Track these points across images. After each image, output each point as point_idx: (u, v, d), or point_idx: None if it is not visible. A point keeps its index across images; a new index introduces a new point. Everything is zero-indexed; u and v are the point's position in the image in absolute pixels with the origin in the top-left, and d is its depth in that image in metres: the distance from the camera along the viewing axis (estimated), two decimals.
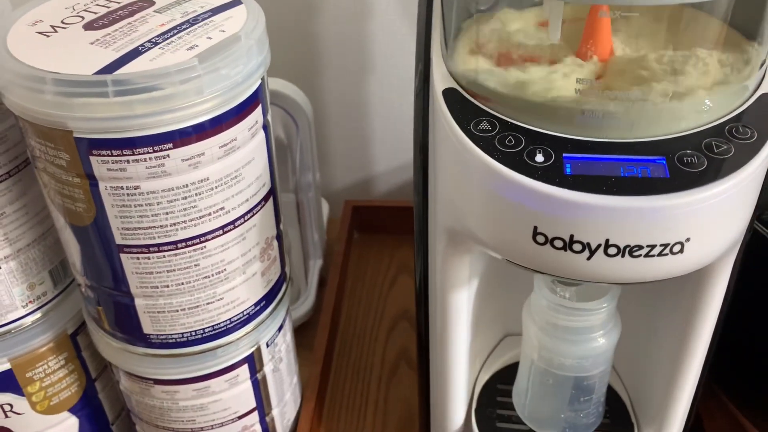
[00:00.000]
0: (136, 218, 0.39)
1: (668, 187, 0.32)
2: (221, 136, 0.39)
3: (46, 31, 0.39)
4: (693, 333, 0.45)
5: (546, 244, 0.34)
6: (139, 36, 0.38)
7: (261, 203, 0.44)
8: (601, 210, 0.32)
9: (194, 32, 0.39)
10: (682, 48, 0.38)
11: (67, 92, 0.35)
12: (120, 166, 0.37)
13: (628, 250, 0.33)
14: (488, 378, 0.57)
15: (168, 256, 0.41)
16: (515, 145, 0.35)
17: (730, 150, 0.34)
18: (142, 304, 0.44)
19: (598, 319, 0.46)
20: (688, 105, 0.35)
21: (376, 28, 0.74)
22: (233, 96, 0.39)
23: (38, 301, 0.49)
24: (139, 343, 0.47)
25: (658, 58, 0.37)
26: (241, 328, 0.48)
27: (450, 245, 0.42)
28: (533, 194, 0.33)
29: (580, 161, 0.34)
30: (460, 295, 0.45)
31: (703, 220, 0.33)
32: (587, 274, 0.35)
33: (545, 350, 0.48)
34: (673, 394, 0.48)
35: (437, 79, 0.39)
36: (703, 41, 0.38)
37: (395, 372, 0.67)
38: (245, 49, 0.38)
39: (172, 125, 0.37)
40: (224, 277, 0.44)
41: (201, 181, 0.39)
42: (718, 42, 0.38)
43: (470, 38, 0.42)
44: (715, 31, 0.38)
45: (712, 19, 0.38)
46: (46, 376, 0.52)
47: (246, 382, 0.51)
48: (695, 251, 0.34)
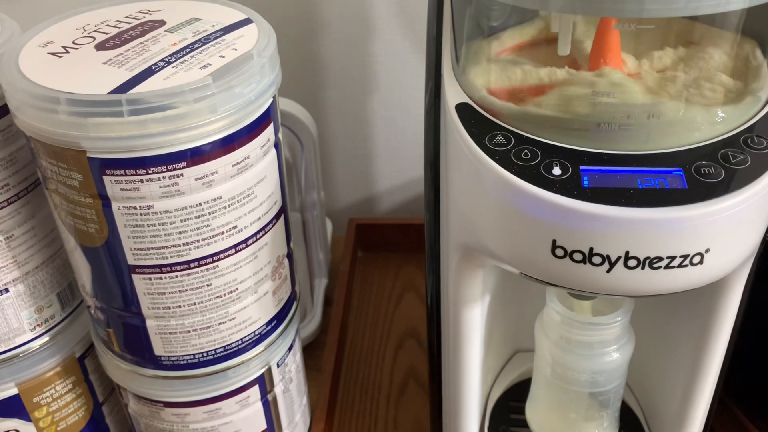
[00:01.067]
0: (149, 238, 0.39)
1: (687, 197, 0.32)
2: (234, 155, 0.39)
3: (57, 52, 0.39)
4: (708, 346, 0.44)
5: (565, 257, 0.34)
6: (151, 55, 0.38)
7: (273, 221, 0.44)
8: (621, 222, 0.32)
9: (207, 51, 0.39)
10: (695, 60, 0.38)
11: (82, 112, 0.35)
12: (133, 185, 0.37)
13: (648, 262, 0.33)
14: (500, 395, 0.56)
15: (180, 276, 0.41)
16: (531, 159, 0.35)
17: (746, 160, 0.34)
18: (154, 326, 0.43)
19: (612, 333, 0.46)
20: (702, 116, 0.35)
21: (379, 48, 0.75)
22: (246, 114, 0.38)
23: (46, 324, 0.49)
24: (149, 365, 0.46)
25: (670, 70, 0.37)
26: (252, 348, 0.47)
27: (463, 261, 0.42)
28: (552, 207, 0.33)
29: (597, 173, 0.34)
30: (473, 311, 0.45)
31: (722, 231, 0.33)
32: (607, 287, 0.35)
33: (559, 365, 0.48)
34: (689, 408, 0.48)
35: (449, 94, 0.39)
36: (715, 54, 0.38)
37: (404, 391, 0.67)
38: (258, 67, 0.38)
39: (186, 144, 0.36)
40: (236, 297, 0.44)
41: (214, 199, 0.39)
42: (730, 54, 0.38)
43: (482, 57, 0.42)
44: (726, 44, 0.38)
45: (723, 32, 0.38)
46: (53, 401, 0.51)
47: (257, 404, 0.51)
48: (715, 262, 0.34)
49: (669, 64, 0.38)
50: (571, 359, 0.47)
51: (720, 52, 0.38)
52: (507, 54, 0.42)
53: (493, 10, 0.44)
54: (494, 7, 0.44)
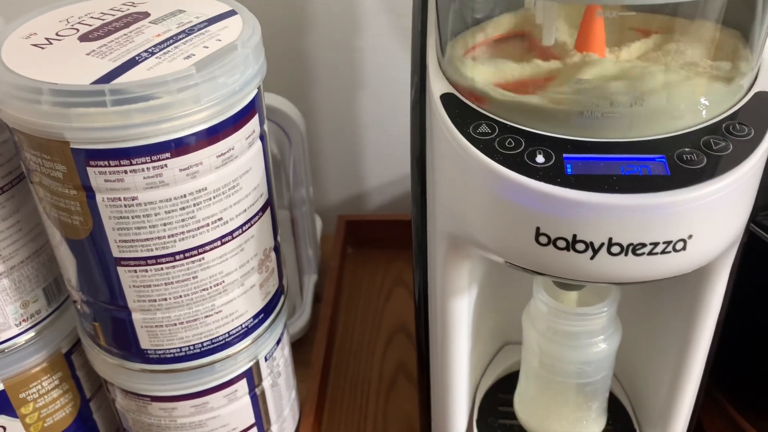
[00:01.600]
0: (133, 230, 0.39)
1: (669, 184, 0.32)
2: (219, 146, 0.39)
3: (40, 44, 0.39)
4: (694, 336, 0.45)
5: (549, 244, 0.34)
6: (135, 46, 0.38)
7: (259, 214, 0.44)
8: (604, 208, 0.32)
9: (191, 42, 0.39)
10: (677, 49, 0.38)
11: (65, 102, 0.34)
12: (117, 177, 0.37)
13: (631, 248, 0.33)
14: (489, 387, 0.56)
15: (166, 268, 0.41)
16: (515, 147, 0.35)
17: (728, 147, 0.34)
18: (140, 319, 0.43)
19: (599, 323, 0.46)
20: (684, 104, 0.36)
21: (367, 43, 0.75)
22: (231, 105, 0.38)
23: (32, 319, 0.49)
24: (136, 359, 0.46)
25: (653, 58, 0.37)
26: (239, 341, 0.47)
27: (450, 251, 0.42)
28: (535, 195, 0.33)
29: (580, 161, 0.34)
30: (460, 302, 0.45)
31: (704, 217, 0.33)
32: (590, 274, 0.35)
33: (546, 356, 0.48)
34: (675, 398, 0.48)
35: (434, 85, 0.39)
36: (698, 42, 0.38)
37: (393, 385, 0.67)
38: (242, 57, 0.38)
39: (169, 134, 0.36)
40: (222, 290, 0.44)
41: (199, 191, 0.39)
42: (712, 43, 0.38)
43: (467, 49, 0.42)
44: (708, 33, 0.38)
45: (705, 20, 0.38)
46: (40, 397, 0.51)
47: (245, 398, 0.50)
48: (698, 248, 0.34)
49: (652, 55, 0.39)
50: (558, 350, 0.47)
51: (702, 43, 0.38)
52: (491, 45, 0.42)
53: (476, 2, 0.44)
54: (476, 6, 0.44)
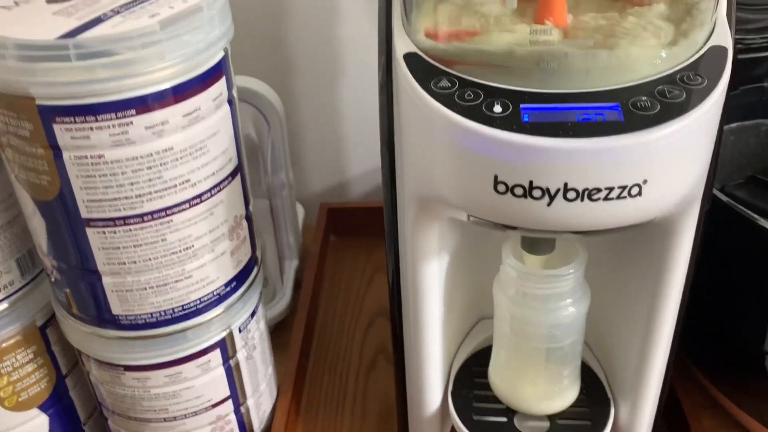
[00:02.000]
0: (101, 189, 0.39)
1: (623, 128, 0.33)
2: (185, 104, 0.39)
3: (8, 6, 0.39)
4: (661, 300, 0.45)
5: (507, 192, 0.35)
6: (101, 6, 0.39)
7: (228, 179, 0.44)
8: (558, 153, 0.33)
9: (156, 3, 0.39)
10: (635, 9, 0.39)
11: (30, 56, 0.35)
12: (83, 134, 0.37)
13: (587, 193, 0.34)
14: (463, 361, 0.56)
15: (134, 229, 0.41)
16: (474, 99, 0.35)
17: (681, 95, 0.34)
18: (110, 283, 0.44)
19: (567, 286, 0.46)
20: (639, 57, 0.36)
21: (346, 32, 0.76)
22: (196, 64, 0.39)
23: (5, 290, 0.49)
24: (108, 326, 0.46)
25: (611, 16, 0.38)
26: (211, 309, 0.47)
27: (419, 213, 0.43)
28: (492, 142, 0.34)
29: (537, 110, 0.35)
30: (430, 267, 0.45)
31: (658, 161, 0.34)
32: (549, 222, 0.35)
33: (517, 321, 0.48)
34: (645, 365, 0.49)
35: (399, 47, 0.40)
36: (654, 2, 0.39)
37: (373, 367, 0.67)
38: (207, 18, 0.39)
39: (134, 91, 0.37)
40: (192, 254, 0.44)
41: (165, 150, 0.40)
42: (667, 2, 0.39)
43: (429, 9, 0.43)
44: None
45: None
46: (14, 370, 0.51)
47: (218, 369, 0.51)
48: (653, 194, 0.35)
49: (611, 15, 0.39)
50: (528, 314, 0.47)
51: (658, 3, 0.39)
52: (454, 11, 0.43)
53: None
54: None
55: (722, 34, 0.38)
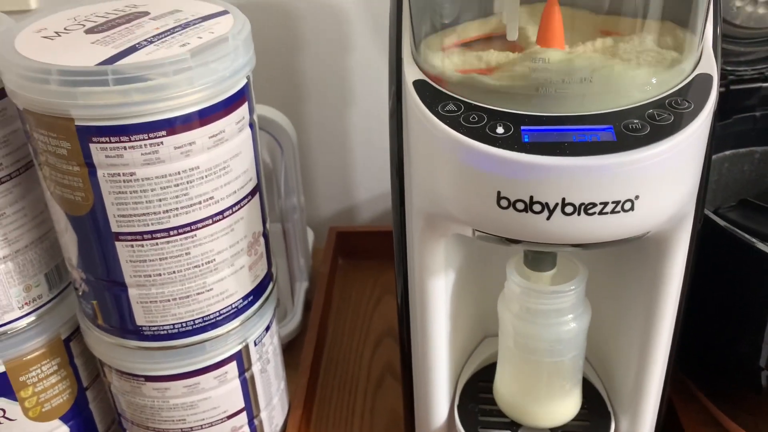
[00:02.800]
0: (131, 205, 0.42)
1: (615, 147, 0.36)
2: (210, 127, 0.42)
3: (50, 36, 0.43)
4: (656, 317, 0.48)
5: (509, 207, 0.38)
6: (136, 36, 0.42)
7: (248, 197, 0.47)
8: (556, 170, 0.36)
9: (186, 33, 0.43)
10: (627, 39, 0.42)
11: (71, 81, 0.38)
12: (117, 152, 0.40)
13: (583, 208, 0.37)
14: (469, 377, 0.59)
15: (161, 243, 0.44)
16: (478, 121, 0.38)
17: (670, 118, 0.37)
18: (135, 294, 0.46)
19: (568, 301, 0.48)
20: (631, 83, 0.39)
21: (355, 62, 0.79)
22: (221, 90, 0.42)
23: (34, 303, 0.52)
24: (131, 336, 0.49)
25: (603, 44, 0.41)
26: (229, 321, 0.50)
27: (426, 229, 0.45)
28: (495, 160, 0.37)
29: (536, 132, 0.37)
30: (437, 282, 0.48)
31: (649, 179, 0.36)
32: (548, 234, 0.38)
33: (520, 336, 0.50)
34: (643, 380, 0.51)
35: (408, 75, 0.43)
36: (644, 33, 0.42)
37: (381, 384, 0.69)
38: (232, 47, 0.42)
39: (165, 113, 0.40)
40: (213, 268, 0.47)
41: (192, 169, 0.43)
42: (658, 33, 0.42)
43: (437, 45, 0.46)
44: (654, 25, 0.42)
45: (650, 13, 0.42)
46: (39, 381, 0.53)
47: (234, 381, 0.53)
48: (645, 209, 0.37)
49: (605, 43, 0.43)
50: (530, 328, 0.50)
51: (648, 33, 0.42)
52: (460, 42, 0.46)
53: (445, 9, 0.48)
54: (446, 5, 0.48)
55: (708, 62, 0.41)
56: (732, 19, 0.62)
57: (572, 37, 0.43)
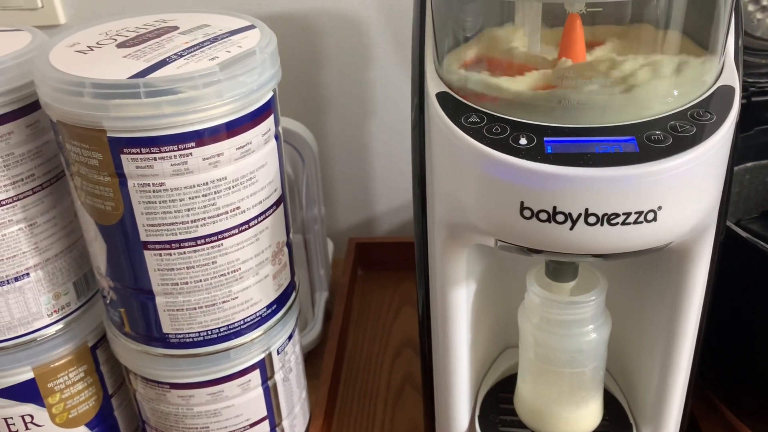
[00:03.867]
0: (160, 214, 0.43)
1: (638, 158, 0.36)
2: (238, 139, 0.43)
3: (83, 50, 0.44)
4: (678, 328, 0.48)
5: (532, 217, 0.38)
6: (166, 51, 0.43)
7: (273, 207, 0.48)
8: (579, 180, 0.36)
9: (215, 47, 0.44)
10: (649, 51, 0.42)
11: (104, 94, 0.39)
12: (147, 163, 0.41)
13: (606, 218, 0.37)
14: (490, 387, 0.59)
15: (188, 252, 0.45)
16: (501, 133, 0.39)
17: (692, 129, 0.38)
18: (163, 302, 0.47)
19: (589, 312, 0.49)
20: (653, 95, 0.40)
21: (376, 75, 0.80)
22: (249, 102, 0.43)
23: (62, 311, 0.53)
24: (157, 344, 0.49)
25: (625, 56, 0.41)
26: (253, 330, 0.51)
27: (448, 239, 0.46)
28: (518, 171, 0.37)
29: (559, 143, 0.38)
30: (459, 292, 0.48)
31: (671, 189, 0.37)
32: (571, 245, 0.38)
33: (540, 346, 0.51)
34: (665, 392, 0.51)
35: (431, 88, 0.44)
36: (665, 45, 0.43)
37: (401, 395, 0.69)
38: (260, 61, 0.43)
39: (195, 125, 0.41)
40: (239, 276, 0.48)
41: (219, 179, 0.43)
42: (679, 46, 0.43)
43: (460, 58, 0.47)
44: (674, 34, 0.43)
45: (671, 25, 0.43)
46: (66, 388, 0.54)
47: (257, 389, 0.54)
48: (668, 220, 0.38)
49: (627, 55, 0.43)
50: (551, 339, 0.50)
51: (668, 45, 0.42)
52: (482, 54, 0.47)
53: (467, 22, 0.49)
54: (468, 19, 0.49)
55: (730, 74, 0.41)
56: (753, 32, 0.63)
57: (594, 49, 0.44)
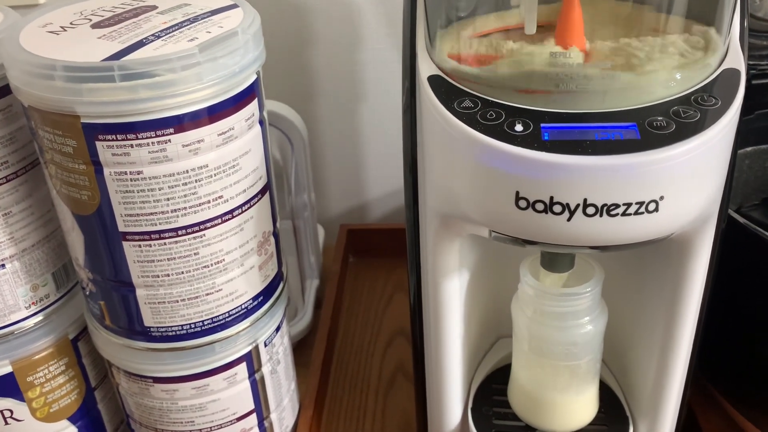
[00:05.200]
0: (138, 204, 0.41)
1: (639, 146, 0.34)
2: (220, 124, 0.41)
3: (56, 31, 0.42)
4: (677, 318, 0.46)
5: (528, 208, 0.36)
6: (143, 31, 0.41)
7: (258, 196, 0.46)
8: (578, 169, 0.34)
9: (195, 28, 0.41)
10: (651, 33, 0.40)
11: (76, 77, 0.37)
12: (124, 150, 0.39)
13: (605, 209, 0.35)
14: (483, 379, 0.57)
15: (169, 243, 0.43)
16: (496, 119, 0.37)
17: (696, 115, 0.36)
18: (143, 295, 0.45)
19: (584, 304, 0.47)
20: (655, 79, 0.38)
21: (367, 57, 0.78)
22: (231, 86, 0.41)
23: (41, 303, 0.51)
24: (139, 337, 0.48)
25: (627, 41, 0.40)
26: (239, 322, 0.49)
27: (441, 229, 0.44)
28: (514, 159, 0.35)
29: (556, 129, 0.36)
30: (451, 283, 0.47)
31: (674, 178, 0.35)
32: (568, 236, 0.37)
33: (535, 339, 0.49)
34: (663, 384, 0.49)
35: (422, 70, 0.42)
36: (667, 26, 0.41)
37: (392, 385, 0.68)
38: (242, 42, 0.41)
39: (173, 110, 0.39)
40: (223, 268, 0.46)
41: (201, 167, 0.41)
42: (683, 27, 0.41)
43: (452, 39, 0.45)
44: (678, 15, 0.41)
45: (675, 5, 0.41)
46: (46, 381, 0.53)
47: (244, 382, 0.52)
48: (670, 210, 0.36)
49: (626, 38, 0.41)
50: (545, 331, 0.48)
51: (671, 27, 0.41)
52: (476, 35, 0.45)
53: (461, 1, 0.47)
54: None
55: (735, 57, 0.39)
56: (755, 12, 0.61)
57: (593, 29, 0.42)
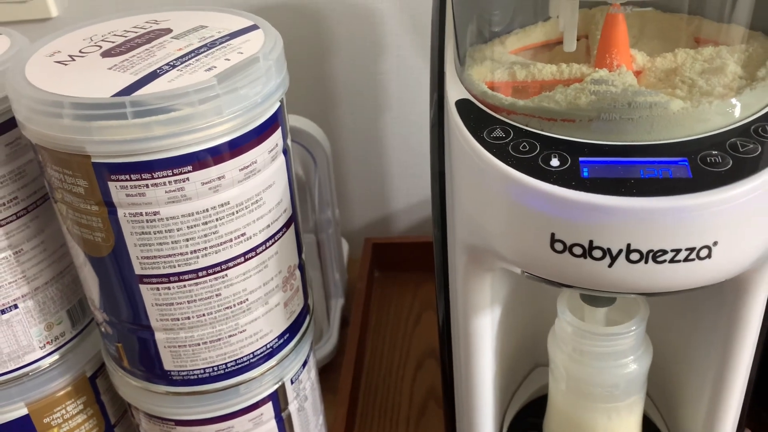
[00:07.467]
0: (155, 246, 0.39)
1: (691, 186, 0.31)
2: (241, 159, 0.39)
3: (64, 60, 0.40)
4: (731, 359, 0.42)
5: (565, 251, 0.33)
6: (156, 60, 0.39)
7: (282, 230, 0.44)
8: (621, 212, 0.31)
9: (212, 55, 0.39)
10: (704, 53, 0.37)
11: (85, 115, 0.35)
12: (139, 191, 0.37)
13: (651, 255, 0.32)
14: (518, 410, 0.55)
15: (189, 285, 0.41)
16: (530, 151, 0.34)
17: (756, 149, 0.33)
18: (163, 339, 0.43)
19: (627, 343, 0.44)
20: (708, 106, 0.34)
21: (390, 65, 0.75)
22: (253, 117, 0.38)
23: (56, 342, 0.49)
24: (159, 381, 0.45)
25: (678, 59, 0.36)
26: (264, 362, 0.46)
27: (470, 263, 0.41)
28: (549, 198, 0.32)
29: (597, 164, 0.33)
30: (482, 319, 0.44)
31: (730, 222, 0.32)
32: (610, 283, 0.34)
33: (574, 380, 0.46)
34: (715, 424, 0.46)
35: (451, 93, 0.39)
36: (724, 47, 0.37)
37: (424, 412, 0.65)
38: (264, 69, 0.39)
39: (191, 147, 0.36)
40: (246, 308, 0.43)
41: (221, 205, 0.39)
42: (740, 47, 0.37)
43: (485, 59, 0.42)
44: (736, 38, 0.37)
45: (732, 25, 0.38)
46: (64, 422, 0.51)
47: (270, 422, 0.50)
48: (724, 256, 0.32)
49: (678, 59, 0.38)
50: (585, 372, 0.45)
51: (729, 46, 0.37)
52: (509, 56, 0.42)
53: (494, 17, 0.44)
54: (495, 11, 0.44)
55: None
56: None
57: (640, 47, 0.38)
